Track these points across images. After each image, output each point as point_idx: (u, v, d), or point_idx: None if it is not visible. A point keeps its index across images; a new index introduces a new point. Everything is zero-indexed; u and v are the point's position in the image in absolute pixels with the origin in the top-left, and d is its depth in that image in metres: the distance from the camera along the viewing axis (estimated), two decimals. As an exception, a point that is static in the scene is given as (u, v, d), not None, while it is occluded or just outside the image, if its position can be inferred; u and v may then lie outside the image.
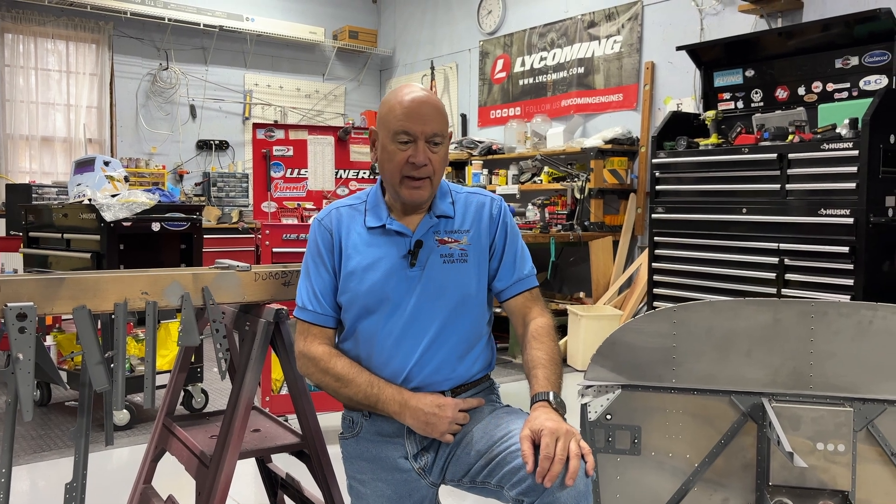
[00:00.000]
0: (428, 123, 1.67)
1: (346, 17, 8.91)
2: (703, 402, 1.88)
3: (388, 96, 1.74)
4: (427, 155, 1.67)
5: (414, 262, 1.70)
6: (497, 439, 1.58)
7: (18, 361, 1.55)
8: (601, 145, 5.98)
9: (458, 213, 1.78)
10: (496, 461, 1.55)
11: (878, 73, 4.33)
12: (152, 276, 1.74)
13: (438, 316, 1.70)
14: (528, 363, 1.69)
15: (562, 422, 1.51)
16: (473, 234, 1.76)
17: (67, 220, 4.10)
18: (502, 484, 1.52)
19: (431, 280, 1.71)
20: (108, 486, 3.00)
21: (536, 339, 1.71)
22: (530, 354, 1.69)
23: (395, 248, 1.72)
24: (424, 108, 1.67)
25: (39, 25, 7.17)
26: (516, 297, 1.80)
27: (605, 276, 5.99)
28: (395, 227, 1.73)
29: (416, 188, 1.69)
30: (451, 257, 1.73)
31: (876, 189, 3.83)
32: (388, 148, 1.68)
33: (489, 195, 1.84)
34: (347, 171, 4.16)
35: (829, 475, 1.77)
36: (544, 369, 1.64)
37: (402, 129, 1.66)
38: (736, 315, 1.87)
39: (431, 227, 1.74)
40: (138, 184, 6.79)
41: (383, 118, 1.71)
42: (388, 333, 1.70)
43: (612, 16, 6.40)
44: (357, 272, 1.71)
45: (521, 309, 1.79)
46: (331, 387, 1.73)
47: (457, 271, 1.73)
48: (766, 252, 4.23)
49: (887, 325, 1.80)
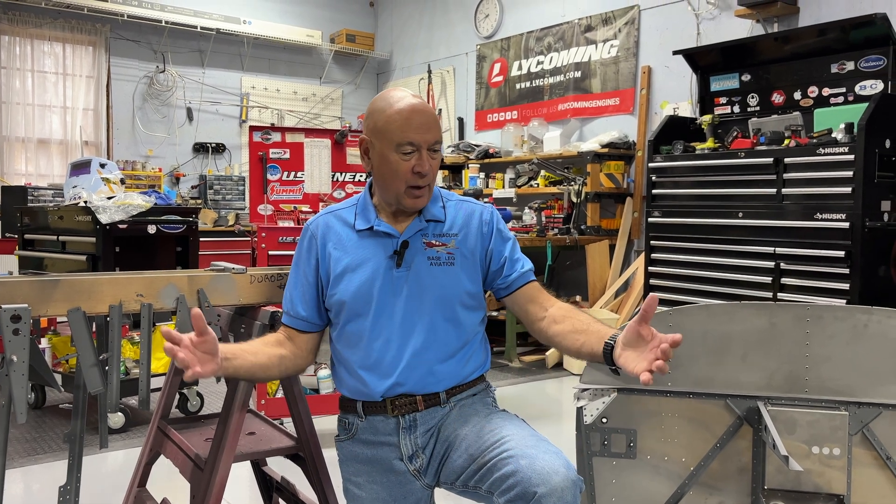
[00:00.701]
0: (429, 132, 1.67)
1: (343, 21, 8.92)
2: (699, 406, 1.88)
3: (378, 104, 1.72)
4: (430, 163, 1.68)
5: (400, 263, 1.71)
6: (490, 444, 1.58)
7: (12, 363, 1.55)
8: (598, 149, 5.99)
9: (448, 217, 1.78)
10: (487, 467, 1.54)
11: (873, 78, 4.34)
12: (148, 278, 1.74)
13: (426, 317, 1.70)
14: (575, 328, 1.65)
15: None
16: (462, 239, 1.76)
17: (63, 222, 4.09)
18: (492, 490, 1.51)
19: (418, 281, 1.71)
20: (103, 489, 2.99)
21: (570, 313, 1.69)
22: (575, 321, 1.66)
23: (382, 249, 1.73)
24: (423, 117, 1.67)
25: (36, 28, 7.16)
26: (524, 286, 1.78)
27: (602, 279, 6.00)
28: (382, 228, 1.73)
29: (419, 196, 1.70)
30: (438, 260, 1.73)
31: (871, 193, 3.84)
32: (389, 158, 1.67)
33: (480, 204, 1.85)
34: (344, 174, 4.17)
35: (825, 479, 1.77)
36: (597, 324, 1.63)
37: (406, 141, 1.65)
38: (731, 319, 1.87)
39: (420, 230, 1.74)
40: (134, 186, 6.80)
41: (381, 128, 1.68)
42: (376, 335, 1.70)
43: (609, 20, 6.42)
44: (345, 274, 1.72)
45: (535, 296, 1.77)
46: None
47: (444, 273, 1.73)
48: (763, 256, 4.24)
49: (882, 329, 1.80)
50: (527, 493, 1.41)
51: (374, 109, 1.71)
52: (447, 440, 1.70)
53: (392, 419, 1.72)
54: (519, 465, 1.45)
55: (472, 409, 1.75)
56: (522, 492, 1.42)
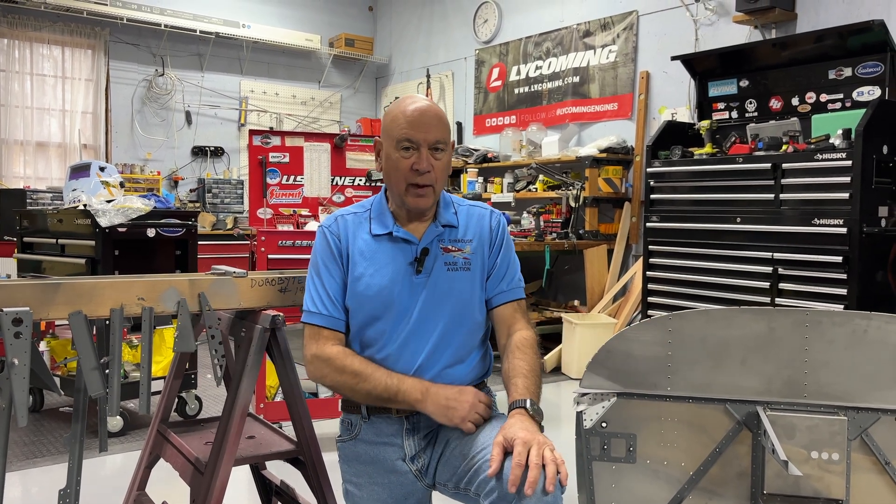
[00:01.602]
0: (430, 131, 1.70)
1: (342, 25, 8.94)
2: (698, 411, 1.88)
3: (391, 107, 1.78)
4: (430, 162, 1.70)
5: (420, 269, 1.74)
6: (479, 447, 1.59)
7: (14, 366, 1.55)
8: (596, 154, 6.00)
9: (461, 223, 1.82)
10: (475, 468, 1.56)
11: (870, 84, 4.36)
12: (149, 281, 1.74)
13: (441, 322, 1.73)
14: (508, 372, 1.69)
15: (537, 431, 1.51)
16: (476, 245, 1.80)
17: (62, 225, 4.09)
18: (478, 492, 1.52)
19: (436, 287, 1.74)
20: (102, 492, 2.98)
21: (520, 349, 1.72)
22: (511, 364, 1.69)
23: (402, 254, 1.75)
24: (426, 116, 1.70)
25: (35, 31, 7.16)
26: (504, 305, 1.82)
27: (600, 284, 6.00)
28: (401, 234, 1.76)
29: (421, 196, 1.72)
30: (455, 265, 1.76)
31: (869, 199, 3.85)
32: (392, 156, 1.71)
33: (489, 208, 1.89)
34: (343, 178, 4.17)
35: (824, 484, 1.78)
36: (524, 379, 1.65)
37: (405, 137, 1.69)
38: (730, 324, 1.87)
39: (437, 236, 1.77)
40: (133, 190, 6.79)
41: (387, 128, 1.74)
42: (393, 339, 1.72)
43: (608, 25, 6.44)
44: (364, 278, 1.73)
45: (507, 319, 1.81)
46: (348, 384, 1.70)
47: (460, 279, 1.76)
48: (761, 261, 4.24)
49: (881, 335, 1.81)
50: (508, 494, 1.41)
51: (386, 112, 1.77)
52: (444, 440, 1.72)
53: (396, 420, 1.74)
54: (505, 469, 1.45)
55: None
56: (503, 493, 1.42)
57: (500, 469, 1.44)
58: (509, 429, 1.49)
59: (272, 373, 3.53)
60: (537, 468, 1.40)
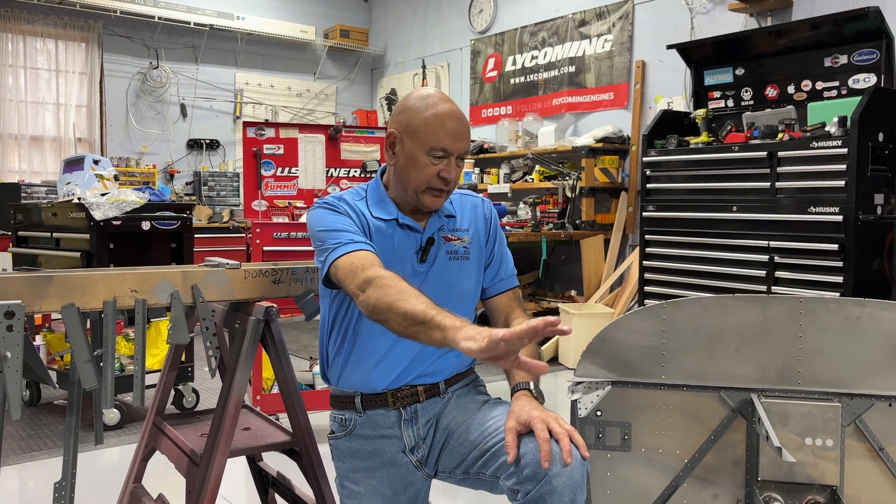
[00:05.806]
0: (461, 141, 1.69)
1: (337, 16, 8.90)
2: (693, 399, 1.88)
3: (414, 103, 1.70)
4: (456, 171, 1.71)
5: (425, 259, 1.74)
6: (492, 431, 1.60)
7: (6, 360, 1.54)
8: (592, 144, 5.99)
9: (457, 212, 1.83)
10: (491, 452, 1.56)
11: (866, 72, 4.35)
12: (141, 273, 1.73)
13: None
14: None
15: (545, 409, 1.53)
16: (473, 233, 1.82)
17: (57, 219, 4.08)
18: (498, 475, 1.53)
19: (437, 276, 1.75)
20: (98, 485, 2.99)
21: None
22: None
23: (408, 241, 1.75)
24: (461, 125, 1.69)
25: (28, 24, 7.13)
26: (500, 294, 1.85)
27: (597, 274, 6.01)
28: (407, 222, 1.75)
29: (438, 197, 1.72)
30: (456, 254, 1.78)
31: (865, 187, 3.85)
32: (418, 159, 1.68)
33: (479, 196, 1.90)
34: (338, 170, 4.16)
35: (818, 470, 1.78)
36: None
37: (440, 146, 1.66)
38: (725, 312, 1.88)
39: (440, 226, 1.78)
40: (128, 183, 6.76)
41: (417, 128, 1.67)
42: None
43: (603, 14, 6.42)
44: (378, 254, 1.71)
45: (504, 307, 1.84)
46: (410, 295, 1.47)
47: (460, 268, 1.78)
48: (757, 250, 4.25)
49: (875, 321, 1.81)
50: (536, 473, 1.42)
51: (409, 107, 1.70)
52: (447, 429, 1.72)
53: (393, 412, 1.74)
54: (527, 448, 1.46)
55: (469, 398, 1.78)
56: (531, 473, 1.43)
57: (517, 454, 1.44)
58: (520, 412, 1.51)
59: (268, 364, 3.53)
60: (566, 437, 1.43)
